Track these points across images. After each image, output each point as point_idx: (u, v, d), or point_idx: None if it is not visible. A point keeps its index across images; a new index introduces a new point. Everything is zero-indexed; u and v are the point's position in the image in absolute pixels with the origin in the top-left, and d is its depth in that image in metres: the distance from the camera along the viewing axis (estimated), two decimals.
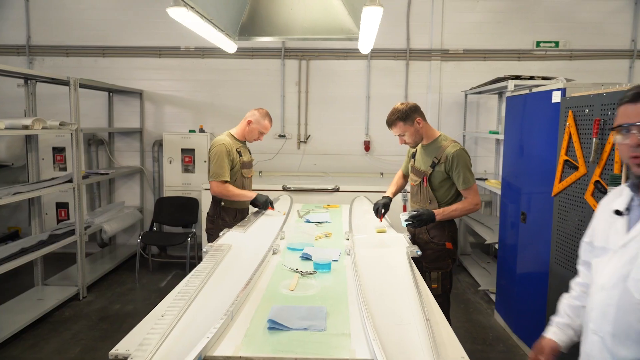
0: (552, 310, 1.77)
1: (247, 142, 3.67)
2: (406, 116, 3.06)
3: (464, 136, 5.86)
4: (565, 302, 1.74)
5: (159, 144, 6.04)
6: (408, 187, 3.52)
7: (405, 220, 2.91)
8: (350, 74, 5.99)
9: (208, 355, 1.43)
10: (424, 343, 1.49)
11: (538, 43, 5.85)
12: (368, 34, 3.29)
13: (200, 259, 5.42)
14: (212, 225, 3.51)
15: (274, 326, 1.63)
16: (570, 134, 3.05)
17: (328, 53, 5.94)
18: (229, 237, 2.87)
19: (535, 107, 3.60)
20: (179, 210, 5.70)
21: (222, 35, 3.43)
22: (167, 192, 5.84)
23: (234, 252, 2.52)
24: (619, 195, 1.55)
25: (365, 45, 3.69)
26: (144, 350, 1.39)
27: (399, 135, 3.15)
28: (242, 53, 5.80)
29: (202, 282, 1.99)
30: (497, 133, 4.90)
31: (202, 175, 5.77)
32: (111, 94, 6.09)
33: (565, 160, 3.10)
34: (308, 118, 6.07)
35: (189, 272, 5.25)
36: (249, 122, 3.52)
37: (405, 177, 3.54)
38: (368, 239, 2.86)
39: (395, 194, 3.48)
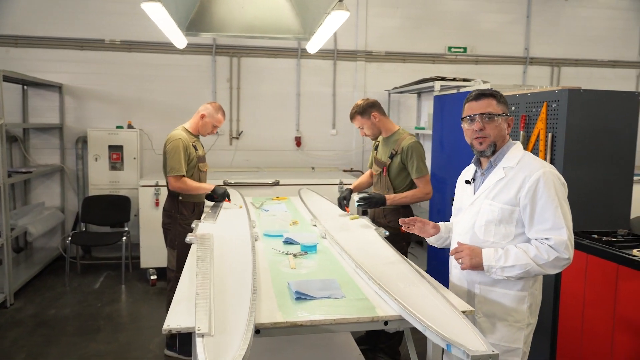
0: None
1: (200, 136, 3.72)
2: (363, 111, 3.38)
3: None
4: (444, 222, 2.36)
5: (82, 140, 5.76)
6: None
7: (357, 201, 3.23)
8: (281, 71, 6.19)
9: (258, 323, 1.59)
10: (437, 299, 1.77)
11: (449, 48, 6.49)
12: (324, 36, 3.53)
13: (136, 258, 5.34)
14: (169, 220, 3.53)
15: (301, 296, 1.82)
16: None
17: (259, 51, 6.08)
18: (203, 228, 2.95)
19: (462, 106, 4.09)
20: (109, 209, 5.51)
21: (179, 30, 3.46)
22: (92, 191, 5.60)
23: (217, 241, 2.63)
24: (468, 171, 2.22)
25: (314, 45, 3.93)
26: (202, 322, 1.51)
27: (360, 127, 3.47)
28: (171, 48, 5.70)
29: (211, 266, 2.11)
30: (423, 129, 5.41)
31: (132, 173, 5.62)
32: (25, 87, 5.68)
33: None
34: (240, 114, 6.16)
35: (130, 272, 5.25)
36: (203, 116, 3.58)
37: (372, 175, 3.79)
38: (337, 224, 3.11)
39: (357, 187, 3.73)
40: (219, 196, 3.58)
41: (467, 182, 2.14)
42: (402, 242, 3.38)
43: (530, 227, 1.90)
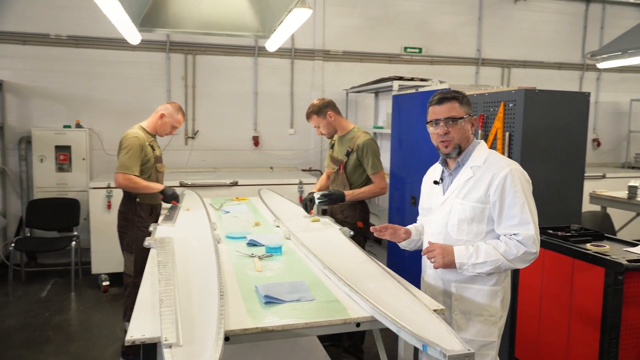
0: None
1: (157, 136, 3.59)
2: (319, 110, 3.46)
3: None
4: (413, 224, 2.38)
5: (26, 140, 5.44)
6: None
7: (318, 199, 3.26)
8: (238, 70, 6.07)
9: (227, 330, 1.52)
10: (408, 298, 1.76)
11: (405, 48, 6.58)
12: (284, 34, 3.48)
13: (86, 264, 5.09)
14: (125, 223, 3.38)
15: (270, 300, 1.77)
16: None
17: (215, 48, 5.95)
18: (162, 231, 2.83)
19: (423, 105, 4.13)
20: (56, 212, 5.23)
21: (133, 25, 3.32)
22: (38, 194, 5.30)
23: (178, 244, 2.53)
24: (434, 171, 2.25)
25: (274, 44, 3.86)
26: (169, 331, 1.43)
27: (316, 127, 3.53)
28: (122, 44, 5.49)
29: (173, 271, 2.02)
30: (382, 128, 5.44)
31: (81, 174, 5.37)
32: None
33: None
34: (196, 113, 6.00)
35: (80, 278, 4.99)
36: (162, 116, 3.45)
37: (329, 177, 3.79)
38: (300, 225, 3.07)
39: (322, 189, 3.72)
40: (167, 197, 3.46)
41: (436, 182, 2.16)
42: (360, 237, 3.41)
43: (499, 223, 1.96)
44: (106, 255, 4.78)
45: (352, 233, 2.85)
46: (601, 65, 5.17)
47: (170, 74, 5.85)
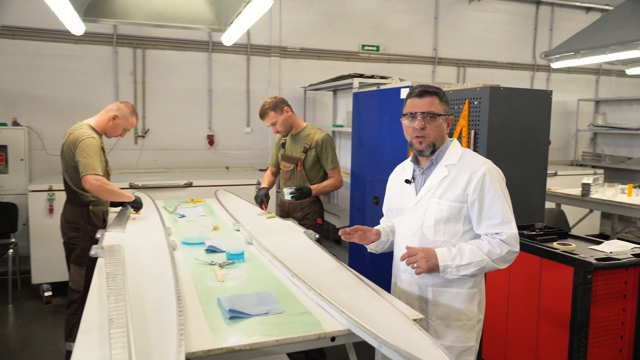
0: None
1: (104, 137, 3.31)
2: (275, 106, 3.44)
3: None
4: (380, 225, 2.25)
5: None
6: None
7: (290, 193, 3.26)
8: (191, 65, 5.80)
9: (189, 352, 1.35)
10: (386, 307, 1.64)
11: (363, 46, 6.51)
12: (242, 27, 3.30)
13: (26, 273, 4.69)
14: (76, 234, 3.07)
15: (235, 315, 1.60)
16: None
17: (166, 43, 5.66)
18: (111, 238, 2.59)
19: (385, 103, 4.06)
20: None
21: (76, 14, 3.04)
22: None
23: (129, 252, 2.30)
24: (404, 170, 2.12)
25: (230, 37, 3.67)
26: (120, 357, 1.24)
27: (272, 124, 3.49)
28: (65, 36, 5.13)
29: (124, 284, 1.81)
30: (341, 126, 5.34)
31: (19, 176, 4.95)
32: None
33: None
34: (146, 111, 5.68)
35: (19, 289, 4.59)
36: (115, 117, 3.18)
37: (275, 173, 3.76)
38: (262, 228, 2.90)
39: (271, 185, 3.74)
40: (140, 205, 3.20)
41: (407, 181, 2.05)
42: (319, 233, 3.32)
43: (480, 223, 1.88)
44: (48, 263, 4.42)
45: (317, 236, 2.71)
46: (555, 65, 5.28)
47: (118, 69, 5.51)
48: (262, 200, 3.35)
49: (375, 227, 2.17)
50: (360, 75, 4.77)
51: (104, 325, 1.50)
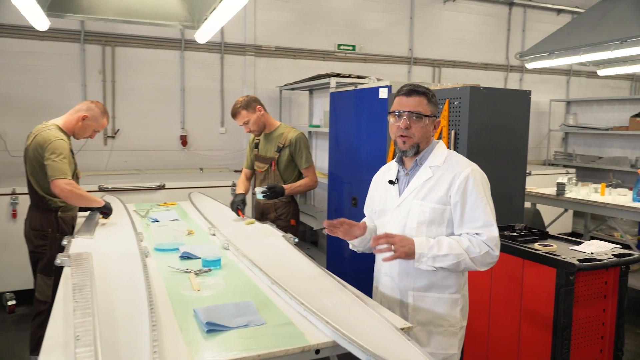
0: None
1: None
2: (247, 105, 3.37)
3: None
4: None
5: None
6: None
7: (262, 192, 3.20)
8: (163, 64, 5.64)
9: None
10: (372, 317, 1.57)
11: (339, 46, 6.45)
12: (216, 24, 3.18)
13: None
14: (43, 242, 2.90)
15: (213, 328, 1.51)
16: None
17: (137, 40, 5.47)
18: (78, 245, 2.45)
19: (363, 102, 4.00)
20: None
21: (40, 9, 2.88)
22: None
23: (98, 260, 2.18)
24: (388, 170, 2.08)
25: (204, 35, 3.55)
26: None
27: (244, 123, 3.41)
28: (28, 32, 4.91)
29: (92, 296, 1.69)
30: (318, 127, 5.26)
31: None
32: None
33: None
34: (116, 111, 5.49)
35: None
36: (84, 118, 3.02)
37: (250, 176, 3.71)
38: (239, 232, 2.80)
39: (247, 190, 3.58)
40: (110, 210, 3.06)
41: (391, 182, 2.00)
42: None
43: (461, 225, 1.85)
44: (11, 270, 4.20)
45: (296, 240, 2.62)
46: (530, 65, 5.31)
47: (86, 67, 5.31)
48: (238, 207, 3.21)
49: (363, 221, 2.06)
50: (338, 75, 4.71)
51: (69, 342, 1.39)
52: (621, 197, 4.53)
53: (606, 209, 4.32)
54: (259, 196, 3.22)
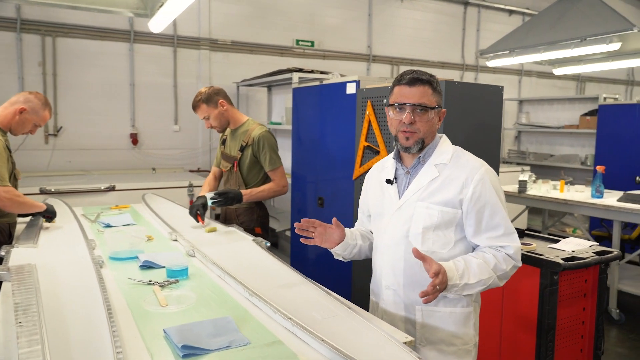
0: (358, 287, 1.93)
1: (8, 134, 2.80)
2: (209, 98, 3.03)
3: None
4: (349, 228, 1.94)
5: None
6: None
7: (211, 199, 2.82)
8: (110, 57, 5.25)
9: None
10: (369, 330, 1.40)
11: (297, 41, 6.27)
12: (173, 11, 2.93)
13: None
14: None
15: (190, 352, 1.29)
16: (370, 122, 3.37)
17: (81, 30, 5.07)
18: (20, 255, 2.14)
19: (330, 98, 3.84)
20: None
21: None
22: None
23: (44, 274, 1.89)
24: (383, 169, 1.84)
25: (158, 24, 3.28)
26: None
27: (205, 118, 3.09)
28: None
29: (40, 318, 1.43)
30: (279, 124, 5.05)
31: None
32: None
33: (366, 146, 3.41)
34: (58, 107, 5.06)
35: None
36: (22, 110, 2.67)
37: (217, 177, 3.39)
38: (203, 237, 2.56)
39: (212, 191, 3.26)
40: (53, 214, 2.73)
41: (389, 181, 1.76)
42: None
43: (478, 234, 1.64)
44: None
45: (269, 244, 2.42)
46: (491, 63, 5.34)
47: (23, 58, 4.86)
48: (197, 211, 2.85)
49: (334, 219, 1.80)
50: (300, 70, 4.53)
51: None
52: (579, 193, 4.61)
53: (567, 206, 4.37)
54: (209, 202, 2.83)
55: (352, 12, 6.64)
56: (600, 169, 4.37)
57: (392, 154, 1.80)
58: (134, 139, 5.39)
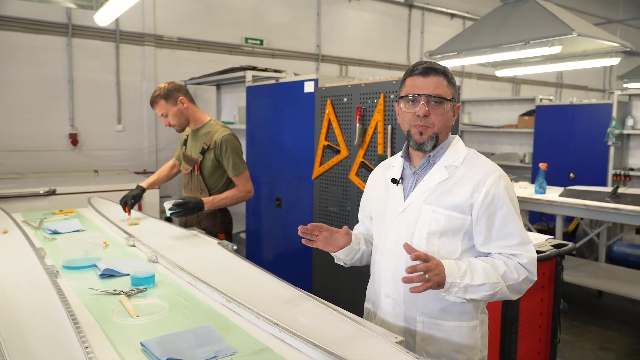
0: (318, 288, 1.88)
1: None
2: (168, 94, 2.86)
3: None
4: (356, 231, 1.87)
5: None
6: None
7: (170, 209, 2.63)
8: (46, 51, 4.91)
9: None
10: (360, 332, 1.37)
11: (246, 39, 6.15)
12: (124, 3, 2.76)
13: None
14: None
15: None
16: (329, 121, 3.34)
17: (12, 23, 4.70)
18: None
19: (287, 97, 3.78)
20: None
21: None
22: None
23: None
24: (389, 168, 1.73)
25: (107, 16, 3.09)
26: None
27: (163, 115, 2.92)
28: None
29: None
30: (232, 123, 4.93)
31: None
32: None
33: (326, 145, 3.38)
34: None
35: None
36: None
37: (174, 166, 3.22)
38: (164, 241, 2.43)
39: (152, 185, 3.14)
40: None
41: (395, 181, 1.65)
42: None
43: (489, 242, 1.53)
44: None
45: (235, 247, 2.34)
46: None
47: None
48: (126, 202, 2.70)
49: (345, 227, 1.69)
50: (254, 68, 4.44)
51: None
52: (523, 189, 4.83)
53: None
54: (167, 213, 2.62)
55: (300, 11, 6.61)
56: (542, 166, 4.59)
57: (400, 152, 1.69)
58: (74, 140, 5.07)
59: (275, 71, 4.55)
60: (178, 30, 5.64)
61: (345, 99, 3.23)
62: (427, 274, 1.38)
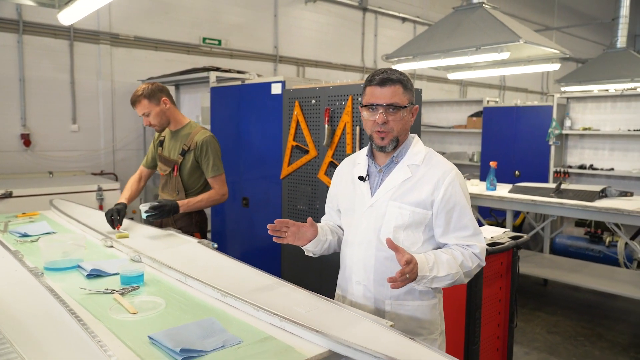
0: (287, 277, 2.02)
1: None
2: (152, 94, 2.88)
3: (145, 128, 5.58)
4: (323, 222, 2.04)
5: None
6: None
7: (146, 212, 2.64)
8: None
9: None
10: (355, 319, 1.49)
11: (204, 39, 6.13)
12: (92, 3, 2.74)
13: None
14: None
15: (188, 355, 1.27)
16: (298, 122, 3.44)
17: None
18: None
19: (253, 98, 3.85)
20: None
21: None
22: None
23: None
24: (355, 164, 1.89)
25: (73, 14, 3.04)
26: None
27: (144, 114, 2.93)
28: None
29: (15, 348, 1.30)
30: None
31: None
32: None
33: (295, 146, 3.48)
34: None
35: None
36: None
37: (143, 178, 3.20)
38: (142, 241, 2.45)
39: (130, 199, 3.08)
40: None
41: (362, 178, 1.81)
42: None
43: (447, 234, 1.72)
44: None
45: (215, 245, 2.39)
46: (396, 67, 5.68)
47: None
48: (112, 216, 2.65)
49: (309, 219, 1.83)
50: (218, 69, 4.46)
51: None
52: (475, 186, 5.11)
53: (474, 199, 4.83)
54: (143, 216, 2.64)
55: (258, 12, 6.65)
56: (493, 164, 4.89)
57: (364, 150, 1.86)
58: (26, 140, 4.89)
59: (239, 72, 4.59)
60: (134, 29, 5.55)
61: (313, 101, 3.34)
62: (408, 274, 1.56)
